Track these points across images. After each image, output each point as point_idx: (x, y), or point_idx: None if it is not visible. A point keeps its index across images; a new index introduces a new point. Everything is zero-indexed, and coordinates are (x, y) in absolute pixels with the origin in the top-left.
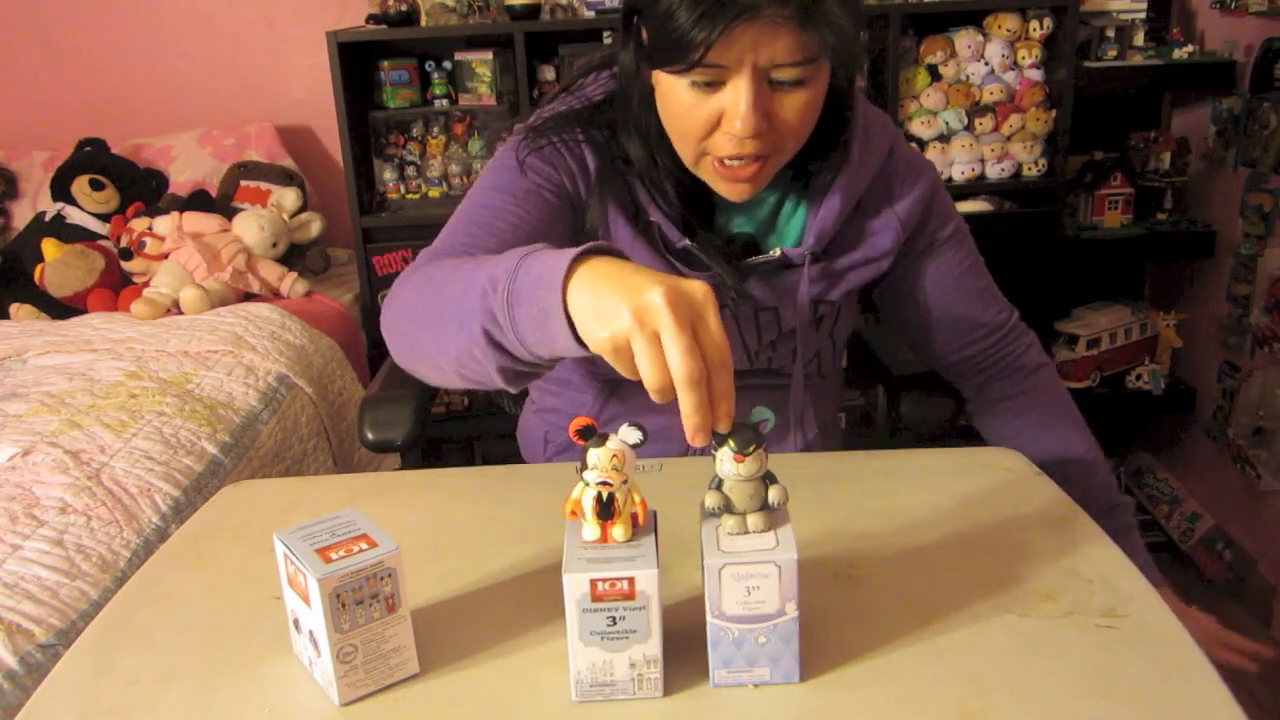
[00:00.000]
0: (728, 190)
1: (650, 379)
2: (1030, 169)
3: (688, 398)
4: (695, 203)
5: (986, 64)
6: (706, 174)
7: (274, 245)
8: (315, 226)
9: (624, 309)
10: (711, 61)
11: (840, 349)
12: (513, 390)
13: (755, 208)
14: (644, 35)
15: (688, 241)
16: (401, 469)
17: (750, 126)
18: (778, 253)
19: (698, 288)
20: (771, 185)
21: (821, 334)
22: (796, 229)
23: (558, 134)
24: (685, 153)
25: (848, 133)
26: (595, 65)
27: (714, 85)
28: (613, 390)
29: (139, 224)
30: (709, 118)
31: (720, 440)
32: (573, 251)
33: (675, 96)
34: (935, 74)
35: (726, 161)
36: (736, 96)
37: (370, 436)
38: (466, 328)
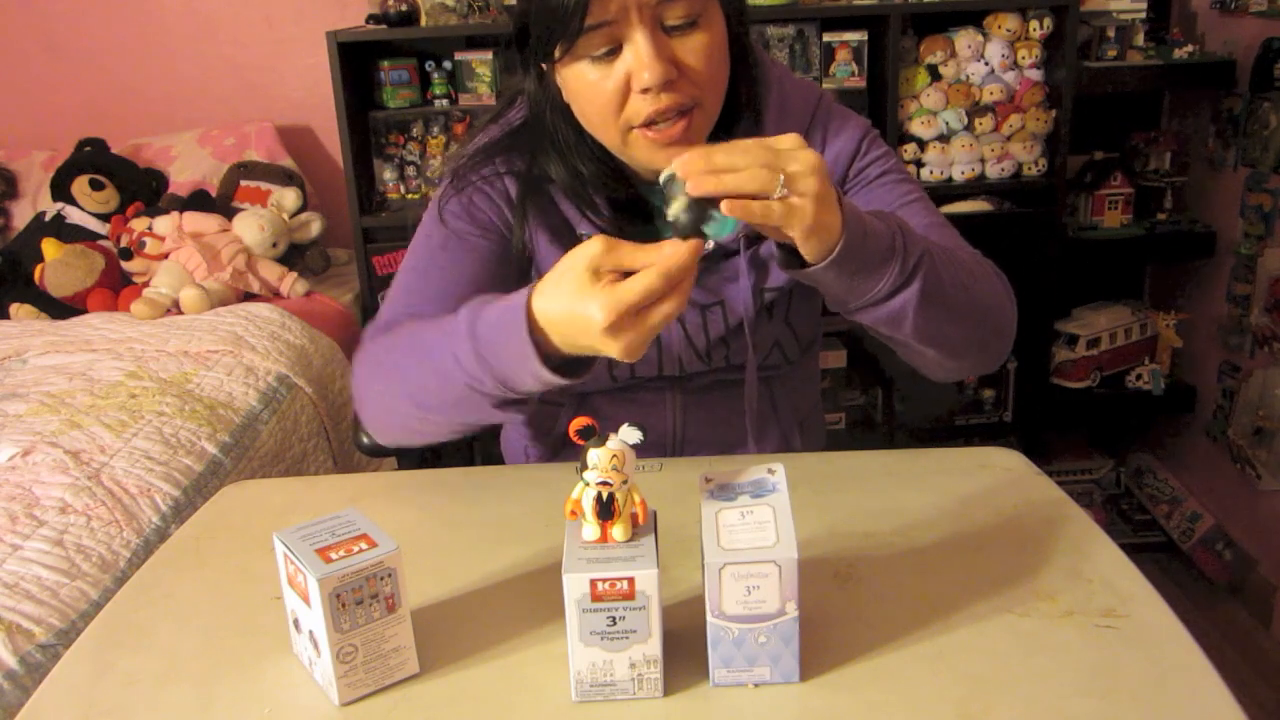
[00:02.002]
0: (665, 158)
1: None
2: (1030, 169)
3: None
4: (629, 210)
5: (986, 64)
6: (639, 150)
7: (274, 245)
8: (315, 226)
9: (588, 329)
10: (597, 20)
11: (806, 335)
12: (523, 413)
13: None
14: (532, 38)
15: None
16: (400, 470)
17: (658, 73)
18: (711, 244)
19: (580, 256)
20: None
21: (776, 321)
22: (734, 221)
23: (477, 171)
24: (610, 135)
25: (761, 105)
26: (518, 90)
27: (612, 53)
28: (583, 400)
29: (139, 224)
30: (617, 87)
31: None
32: (517, 299)
33: (582, 81)
34: (935, 74)
35: (653, 127)
36: (636, 50)
37: (366, 441)
38: (450, 395)
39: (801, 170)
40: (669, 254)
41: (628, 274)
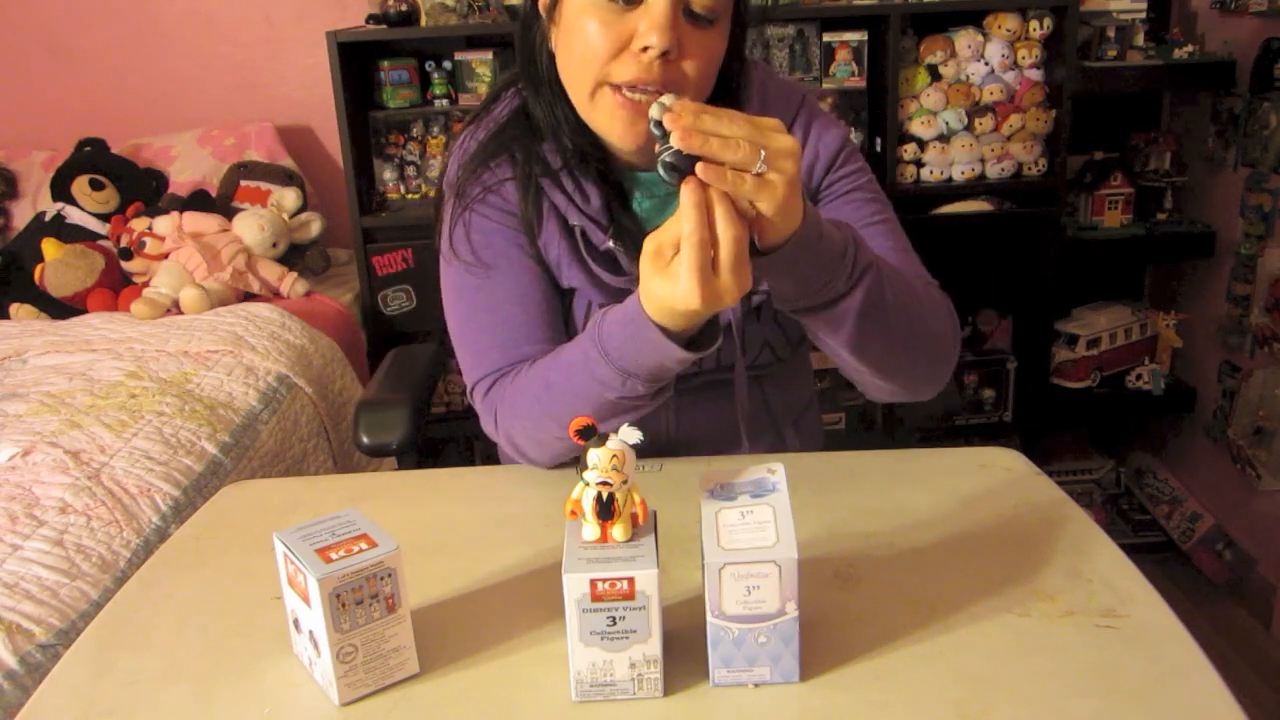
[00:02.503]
0: (621, 133)
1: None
2: (1030, 169)
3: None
4: (617, 198)
5: (986, 64)
6: (600, 111)
7: (274, 245)
8: (315, 226)
9: (687, 299)
10: None
11: (796, 333)
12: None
13: (670, 198)
14: None
15: (610, 244)
16: (400, 470)
17: (666, 39)
18: None
19: (643, 255)
20: None
21: (764, 322)
22: None
23: (479, 179)
24: (584, 84)
25: (740, 106)
26: (501, 87)
27: (631, 4)
28: None
29: (139, 224)
30: (619, 37)
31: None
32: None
33: (585, 18)
34: (935, 74)
35: (625, 91)
36: (656, 10)
37: (365, 440)
38: (603, 411)
39: (780, 150)
40: (684, 199)
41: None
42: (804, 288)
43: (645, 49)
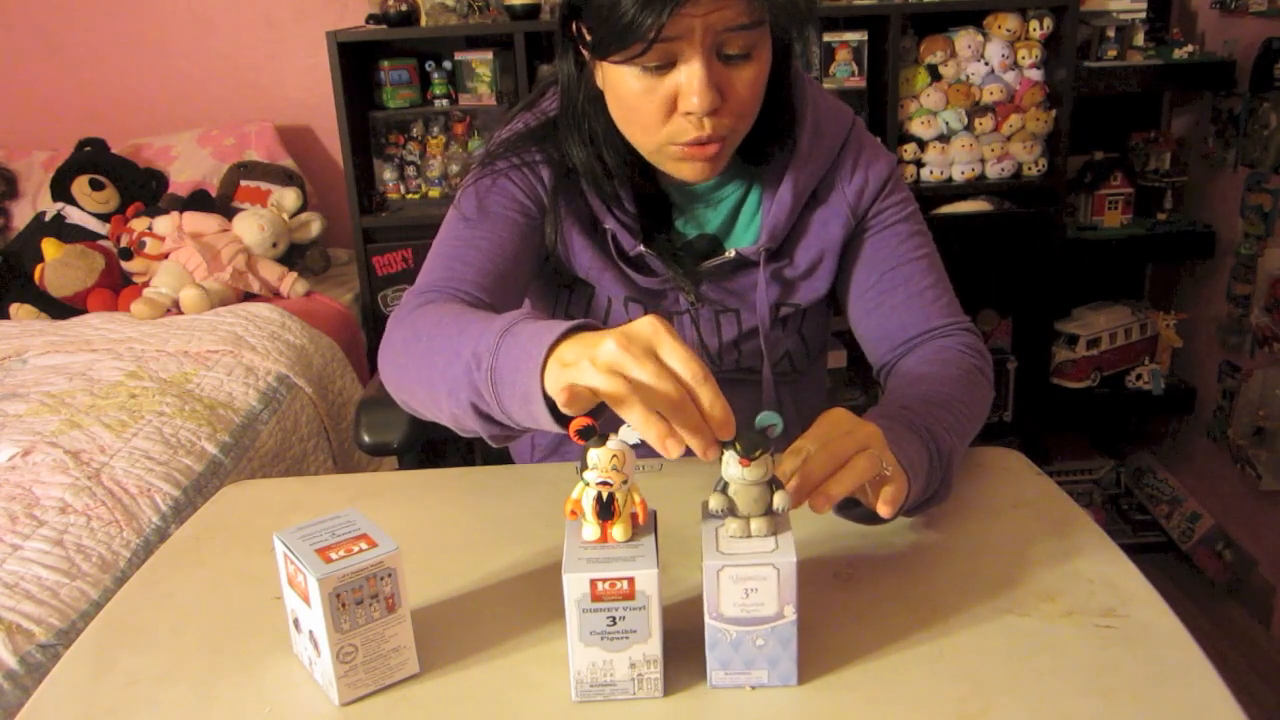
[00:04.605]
0: (689, 171)
1: (640, 425)
2: (1030, 169)
3: (678, 420)
4: (653, 207)
5: (986, 64)
6: (668, 160)
7: (274, 245)
8: (315, 226)
9: (580, 356)
10: (665, 36)
11: (816, 346)
12: (511, 441)
13: (712, 211)
14: (585, 34)
15: (641, 248)
16: (400, 470)
17: (707, 101)
18: (732, 253)
19: (644, 322)
20: (727, 186)
21: (789, 332)
22: (756, 231)
23: (509, 159)
24: (645, 143)
25: (796, 126)
26: (552, 80)
27: (664, 68)
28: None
29: (139, 224)
30: (664, 101)
31: (727, 444)
32: (550, 336)
33: (626, 86)
34: (935, 74)
35: (688, 146)
36: (690, 73)
37: (366, 439)
38: (456, 397)
39: (877, 445)
40: (708, 394)
41: None
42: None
43: (690, 112)
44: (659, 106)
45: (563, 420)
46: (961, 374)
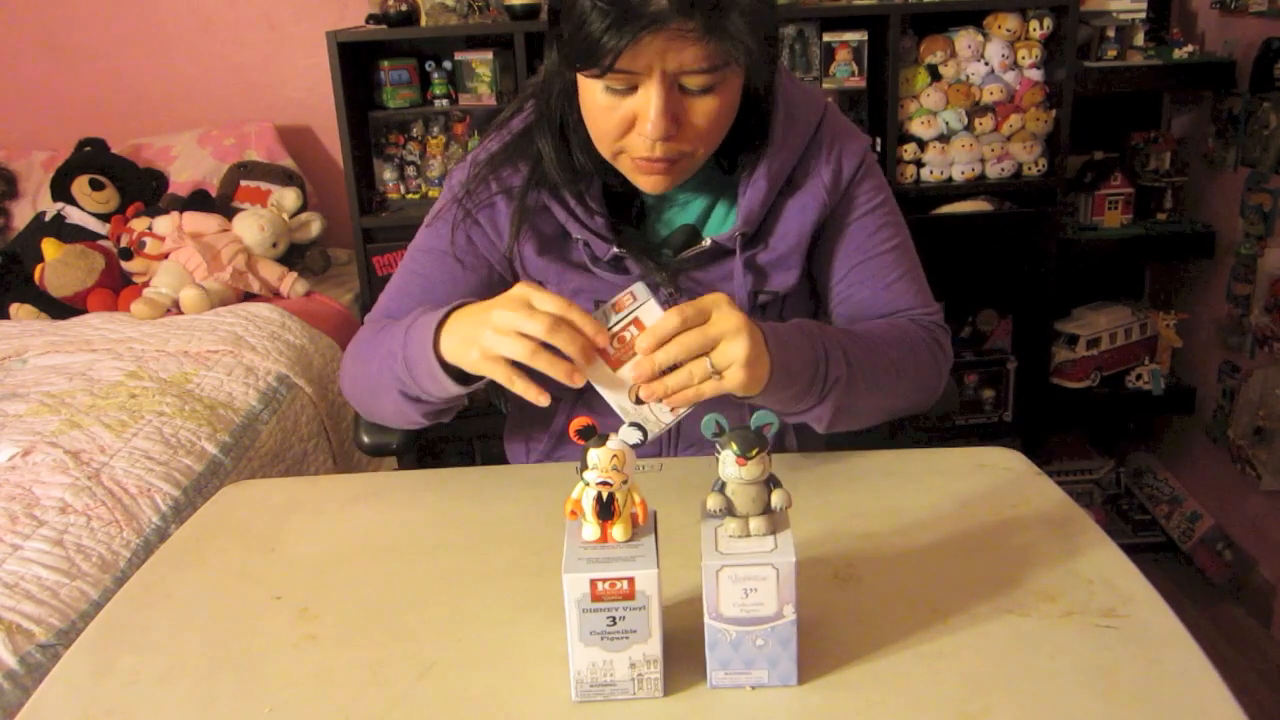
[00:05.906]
0: (645, 184)
1: (547, 368)
2: (1030, 169)
3: (567, 347)
4: (622, 211)
5: (986, 64)
6: (624, 168)
7: (274, 245)
8: (315, 226)
9: (477, 330)
10: (622, 68)
11: None
12: (445, 420)
13: (688, 205)
14: (557, 39)
15: (615, 250)
16: (400, 470)
17: (659, 130)
18: (708, 242)
19: (515, 287)
20: (703, 182)
21: (769, 319)
22: (732, 221)
23: (476, 193)
24: (603, 149)
25: (770, 119)
26: (525, 97)
27: (627, 90)
28: (579, 396)
29: (139, 224)
30: (623, 119)
31: (724, 443)
32: (435, 319)
33: (592, 98)
34: (935, 74)
35: (641, 160)
36: (647, 101)
37: (366, 440)
38: (390, 392)
39: (729, 330)
40: (577, 315)
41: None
42: (777, 407)
43: (643, 135)
44: (618, 123)
45: (466, 380)
46: (901, 334)
